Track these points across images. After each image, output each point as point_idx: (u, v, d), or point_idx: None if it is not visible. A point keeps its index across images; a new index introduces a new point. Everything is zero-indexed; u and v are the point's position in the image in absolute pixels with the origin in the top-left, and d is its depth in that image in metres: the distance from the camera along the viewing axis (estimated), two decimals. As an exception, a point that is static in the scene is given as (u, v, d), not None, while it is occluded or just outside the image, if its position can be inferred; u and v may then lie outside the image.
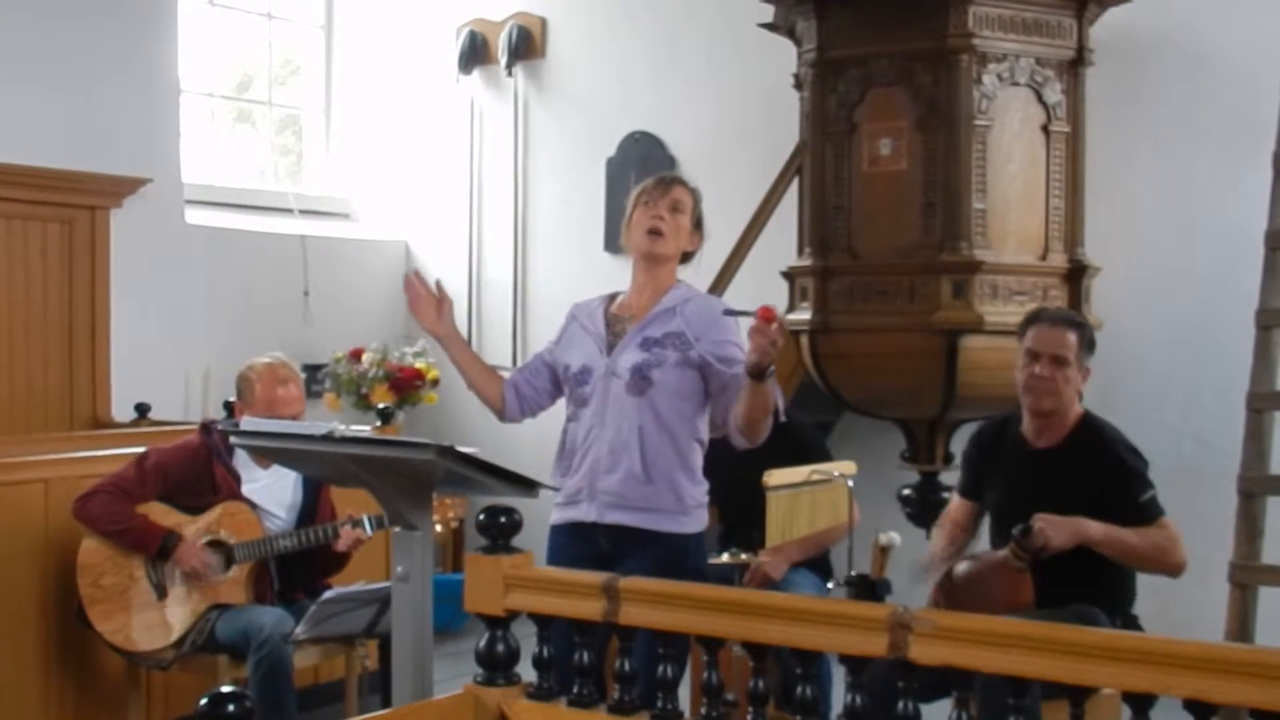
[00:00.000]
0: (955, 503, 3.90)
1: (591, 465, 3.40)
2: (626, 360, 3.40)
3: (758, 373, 3.15)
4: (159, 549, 4.14)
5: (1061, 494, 3.50)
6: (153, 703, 4.59)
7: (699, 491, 3.45)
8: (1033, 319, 3.69)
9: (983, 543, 3.82)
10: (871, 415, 5.61)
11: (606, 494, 3.37)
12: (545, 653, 2.74)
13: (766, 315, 3.05)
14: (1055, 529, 3.35)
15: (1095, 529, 3.39)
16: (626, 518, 3.36)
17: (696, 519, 3.44)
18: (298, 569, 4.37)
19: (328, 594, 4.05)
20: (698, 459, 3.45)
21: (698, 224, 3.54)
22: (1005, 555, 3.40)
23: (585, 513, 3.40)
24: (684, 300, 3.47)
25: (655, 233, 3.45)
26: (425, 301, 3.53)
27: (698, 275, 5.90)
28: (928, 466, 5.39)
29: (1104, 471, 3.52)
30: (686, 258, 3.57)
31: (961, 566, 3.55)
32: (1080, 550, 3.40)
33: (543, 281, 7.40)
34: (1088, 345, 3.63)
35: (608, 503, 3.37)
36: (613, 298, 3.59)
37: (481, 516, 2.75)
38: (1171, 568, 3.47)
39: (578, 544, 3.41)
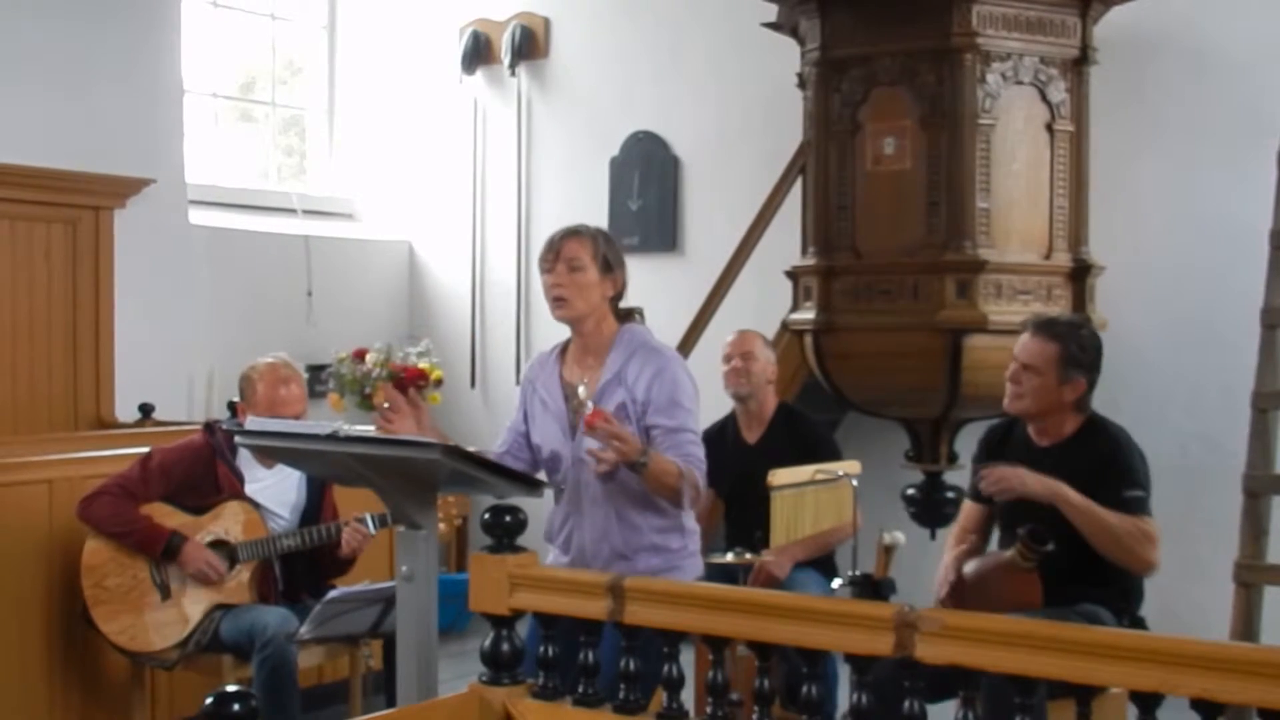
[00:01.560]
0: (966, 506, 3.89)
1: (578, 551, 3.40)
2: (590, 446, 3.31)
3: (630, 466, 3.15)
4: (164, 550, 4.14)
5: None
6: (157, 703, 4.59)
7: (688, 538, 3.44)
8: (1024, 326, 3.73)
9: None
10: (875, 415, 5.60)
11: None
12: (549, 652, 2.74)
13: (590, 423, 3.06)
14: (1031, 475, 3.39)
15: (1074, 494, 3.40)
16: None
17: (691, 566, 3.44)
18: (303, 569, 4.37)
19: (332, 594, 4.05)
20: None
21: (607, 266, 3.39)
22: (1012, 555, 3.39)
23: None
24: (626, 359, 3.36)
25: (559, 299, 3.37)
26: (403, 416, 3.39)
27: (702, 275, 5.96)
28: (932, 466, 5.38)
29: (1099, 465, 3.52)
30: (617, 299, 3.45)
31: (969, 566, 3.55)
32: (1087, 550, 3.40)
33: (546, 281, 7.39)
34: (1069, 360, 3.57)
35: None
36: (565, 350, 3.50)
37: (487, 515, 2.75)
38: (1141, 562, 3.46)
39: None
